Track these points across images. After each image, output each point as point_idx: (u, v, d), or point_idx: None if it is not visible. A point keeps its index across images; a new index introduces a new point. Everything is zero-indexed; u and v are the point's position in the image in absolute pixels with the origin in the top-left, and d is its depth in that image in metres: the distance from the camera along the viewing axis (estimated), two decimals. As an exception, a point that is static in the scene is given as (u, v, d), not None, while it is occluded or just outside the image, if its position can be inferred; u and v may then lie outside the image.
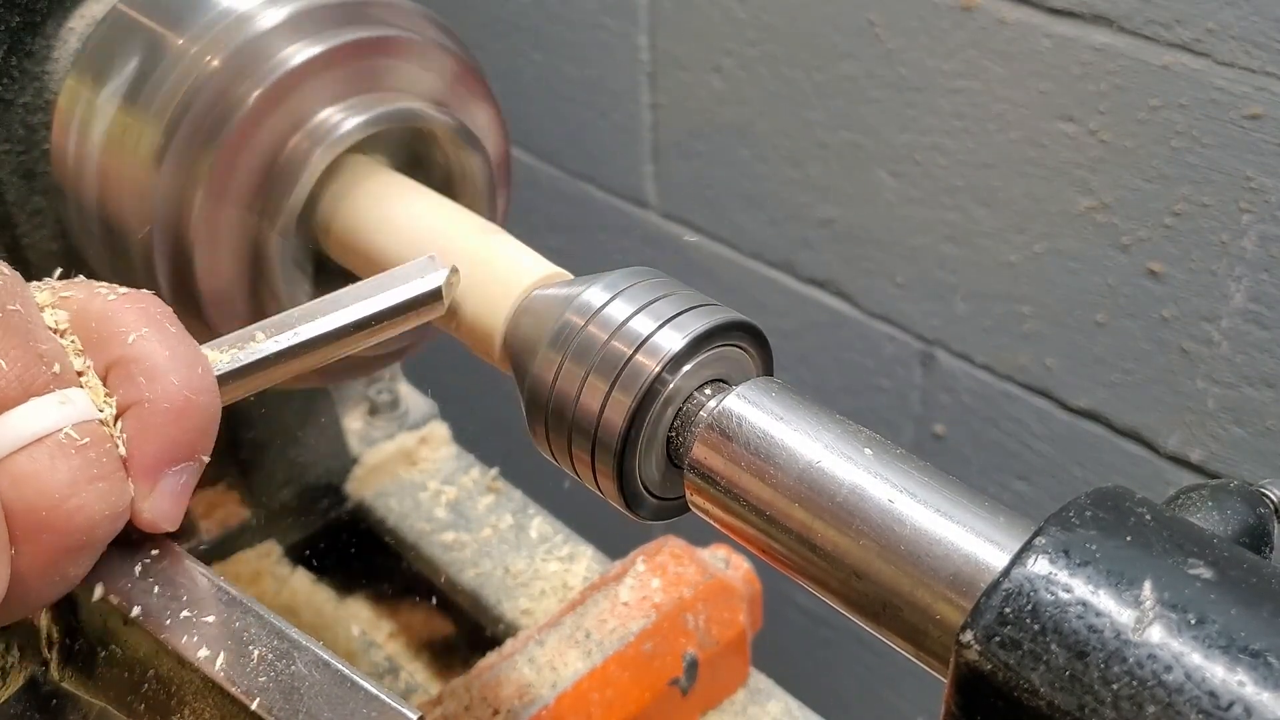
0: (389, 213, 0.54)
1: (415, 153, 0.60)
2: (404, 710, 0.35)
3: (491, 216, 0.60)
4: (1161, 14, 0.76)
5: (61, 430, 0.35)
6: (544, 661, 0.64)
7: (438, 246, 0.52)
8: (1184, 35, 0.75)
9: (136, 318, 0.38)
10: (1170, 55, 0.76)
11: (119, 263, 0.57)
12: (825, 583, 0.38)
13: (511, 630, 0.74)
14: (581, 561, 0.78)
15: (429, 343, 0.63)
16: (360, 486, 0.86)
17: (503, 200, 0.63)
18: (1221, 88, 0.75)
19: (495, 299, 0.48)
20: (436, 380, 0.97)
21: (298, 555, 0.84)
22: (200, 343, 0.41)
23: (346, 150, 0.55)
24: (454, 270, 0.46)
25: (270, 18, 0.54)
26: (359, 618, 0.83)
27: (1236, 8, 0.72)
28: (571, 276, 0.48)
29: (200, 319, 0.56)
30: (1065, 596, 0.30)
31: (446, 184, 0.61)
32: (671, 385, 0.43)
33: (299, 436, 0.81)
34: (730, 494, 0.40)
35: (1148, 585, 0.30)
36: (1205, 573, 0.30)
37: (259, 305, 0.57)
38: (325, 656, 0.37)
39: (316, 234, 0.56)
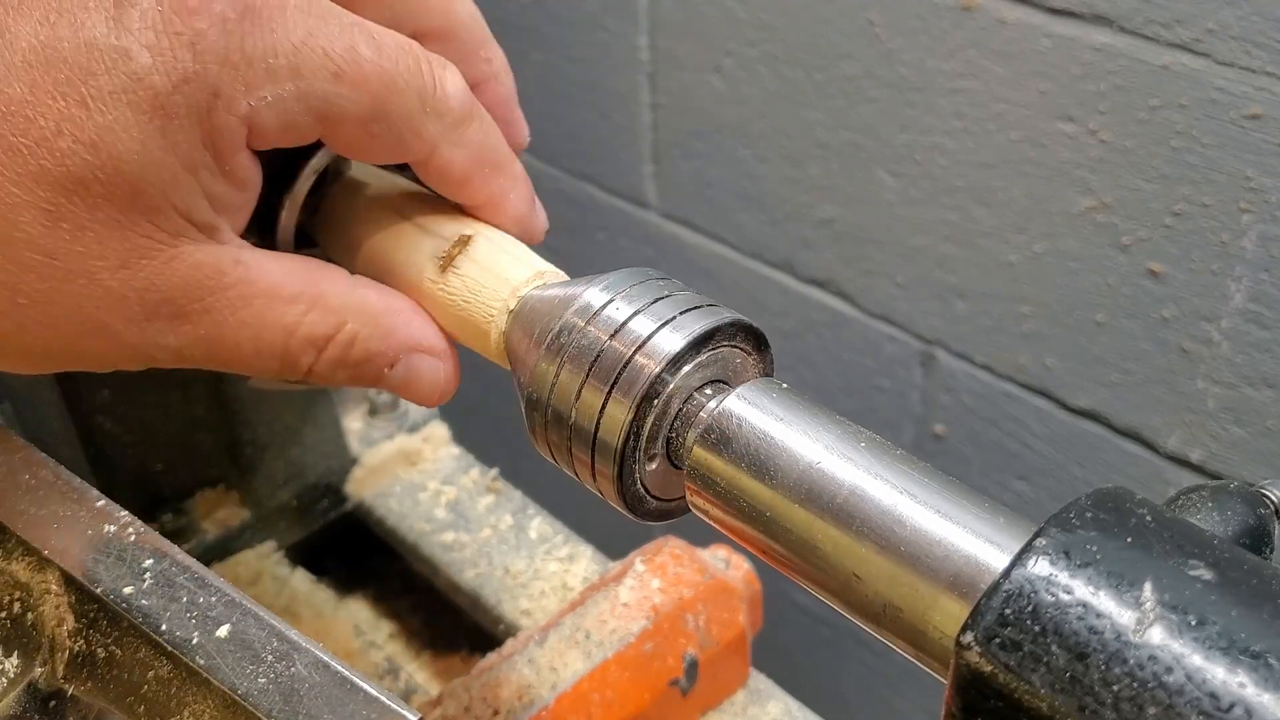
0: (387, 213, 0.54)
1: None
2: (404, 711, 0.35)
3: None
4: (1161, 14, 0.76)
5: None
6: (544, 662, 0.64)
7: (435, 246, 0.52)
8: (1184, 35, 0.75)
9: None
10: (1170, 55, 0.76)
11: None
12: (825, 584, 0.38)
13: (511, 630, 0.74)
14: (581, 562, 0.78)
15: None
16: (360, 487, 0.86)
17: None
18: (1221, 88, 0.75)
19: (492, 299, 0.48)
20: (436, 380, 0.96)
21: (298, 555, 0.84)
22: None
23: (346, 150, 0.55)
24: None
25: (270, 18, 0.54)
26: (359, 618, 0.83)
27: (1236, 8, 0.72)
28: (566, 276, 0.48)
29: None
30: (1065, 598, 0.30)
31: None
32: (671, 386, 0.43)
33: (299, 436, 0.81)
34: (730, 496, 0.40)
35: (1148, 586, 0.30)
36: (1206, 574, 0.30)
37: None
38: (325, 658, 0.37)
39: (315, 235, 0.56)
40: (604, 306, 0.44)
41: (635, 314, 0.44)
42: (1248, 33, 0.73)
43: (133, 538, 0.41)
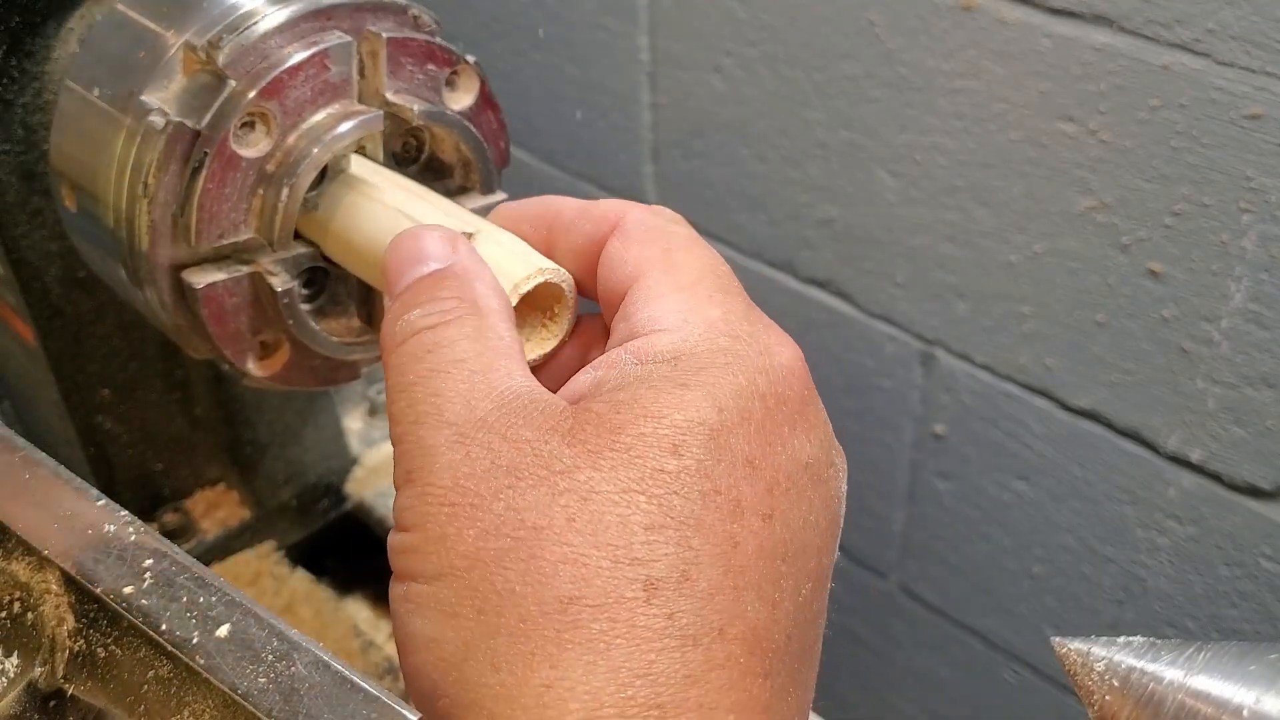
0: (387, 210, 0.54)
1: (413, 147, 0.61)
2: (404, 711, 0.35)
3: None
4: (1161, 14, 0.76)
5: None
6: (544, 662, 0.64)
7: None
8: (1184, 35, 0.75)
9: None
10: (1170, 55, 0.76)
11: (116, 263, 0.57)
12: None
13: (511, 630, 0.74)
14: (581, 562, 0.78)
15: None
16: (360, 486, 0.86)
17: (503, 195, 0.63)
18: (1221, 88, 0.75)
19: None
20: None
21: (297, 555, 0.84)
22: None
23: (344, 147, 0.55)
24: None
25: (271, 18, 0.54)
26: (359, 618, 0.83)
27: (1236, 8, 0.72)
28: (568, 274, 0.48)
29: (198, 318, 0.56)
30: None
31: (446, 179, 0.61)
32: None
33: (299, 436, 0.81)
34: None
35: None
36: None
37: (260, 308, 0.57)
38: (325, 657, 0.37)
39: (314, 234, 0.56)
40: None
41: None
42: (1248, 33, 0.72)
43: (133, 538, 0.41)
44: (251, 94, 0.52)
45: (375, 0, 0.56)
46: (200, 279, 0.54)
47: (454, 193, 0.61)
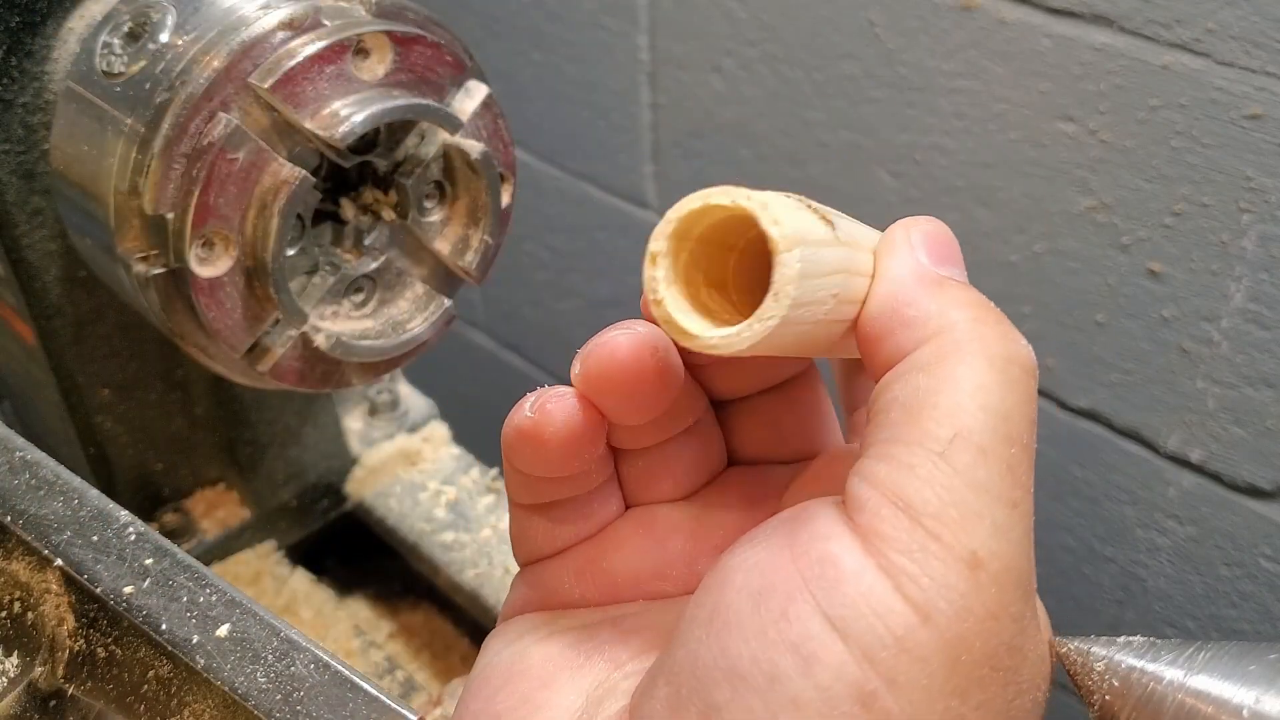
0: None
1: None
2: (404, 711, 0.35)
3: (496, 210, 0.61)
4: (1161, 14, 0.76)
5: None
6: (544, 662, 0.64)
7: None
8: (1184, 35, 0.75)
9: None
10: (1170, 55, 0.76)
11: (116, 264, 0.57)
12: None
13: (511, 630, 0.74)
14: (581, 562, 0.78)
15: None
16: (360, 487, 0.86)
17: (508, 194, 0.63)
18: (1221, 88, 0.75)
19: None
20: (436, 380, 0.97)
21: (298, 555, 0.84)
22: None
23: (305, 208, 0.55)
24: None
25: (271, 18, 0.54)
26: (359, 618, 0.83)
27: (1236, 8, 0.72)
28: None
29: (194, 316, 0.56)
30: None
31: (450, 178, 0.61)
32: None
33: (299, 436, 0.81)
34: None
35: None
36: None
37: (257, 306, 0.57)
38: (325, 657, 0.37)
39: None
40: None
41: None
42: (1248, 33, 0.73)
43: (133, 538, 0.41)
44: (188, 229, 0.52)
45: (240, 48, 0.54)
46: (266, 364, 0.56)
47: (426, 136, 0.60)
